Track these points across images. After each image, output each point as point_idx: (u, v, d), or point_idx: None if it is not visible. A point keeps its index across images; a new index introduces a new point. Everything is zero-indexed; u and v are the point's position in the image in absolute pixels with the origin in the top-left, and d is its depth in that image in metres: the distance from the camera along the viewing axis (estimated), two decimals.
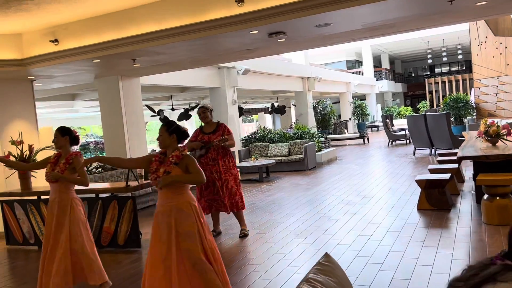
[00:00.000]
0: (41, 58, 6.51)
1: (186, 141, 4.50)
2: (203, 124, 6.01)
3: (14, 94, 7.50)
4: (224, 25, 5.37)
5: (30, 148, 6.45)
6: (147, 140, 10.93)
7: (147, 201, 8.68)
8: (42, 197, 6.34)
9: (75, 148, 4.46)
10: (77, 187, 4.56)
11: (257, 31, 5.58)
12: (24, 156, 6.42)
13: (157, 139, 3.58)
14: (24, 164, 5.71)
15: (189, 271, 3.29)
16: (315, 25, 5.63)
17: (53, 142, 4.40)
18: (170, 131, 3.52)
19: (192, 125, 25.48)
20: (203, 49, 6.79)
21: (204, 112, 5.91)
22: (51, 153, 7.14)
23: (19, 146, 6.37)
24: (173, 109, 15.52)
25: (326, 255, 2.14)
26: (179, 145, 3.58)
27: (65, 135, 4.32)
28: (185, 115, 14.23)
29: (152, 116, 14.23)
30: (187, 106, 15.34)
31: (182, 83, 11.63)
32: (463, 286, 1.57)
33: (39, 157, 6.62)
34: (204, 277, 3.29)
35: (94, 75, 8.35)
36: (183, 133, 3.58)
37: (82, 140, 23.20)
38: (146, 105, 13.21)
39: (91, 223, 5.93)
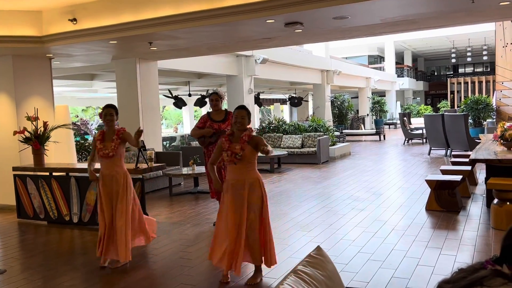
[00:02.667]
0: (59, 36, 6.58)
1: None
2: (210, 110, 5.92)
3: (32, 70, 7.61)
4: (241, 12, 5.35)
5: (45, 124, 6.56)
6: (163, 124, 10.97)
7: (156, 185, 8.77)
8: (54, 173, 6.46)
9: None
10: (87, 165, 4.70)
11: (273, 20, 5.54)
12: (39, 132, 6.53)
13: (239, 122, 3.94)
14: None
15: (246, 237, 3.88)
16: (333, 17, 5.56)
17: (108, 118, 4.54)
18: (249, 115, 4.03)
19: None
20: (220, 35, 6.78)
21: (217, 100, 5.80)
22: (65, 131, 7.27)
23: (34, 122, 6.48)
24: (189, 95, 15.58)
25: (318, 248, 2.14)
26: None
27: (117, 114, 4.61)
28: (201, 102, 14.28)
29: (174, 103, 14.31)
30: (203, 93, 15.38)
31: (199, 69, 11.65)
32: None
33: (53, 134, 6.75)
34: (253, 245, 3.90)
35: (112, 56, 8.42)
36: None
37: (99, 121, 23.48)
38: (168, 90, 13.32)
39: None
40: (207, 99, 14.33)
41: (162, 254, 4.88)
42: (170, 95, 13.20)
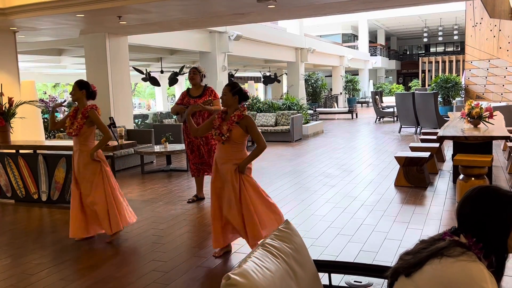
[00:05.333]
0: (23, 9, 6.31)
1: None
2: (190, 86, 5.87)
3: None
4: None
5: (10, 100, 6.33)
6: (134, 101, 10.73)
7: (128, 163, 8.66)
8: (21, 151, 6.29)
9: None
10: (55, 143, 4.57)
11: None
12: (4, 108, 6.31)
13: (221, 98, 3.84)
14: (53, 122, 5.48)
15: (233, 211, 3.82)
16: None
17: (70, 94, 4.50)
18: (234, 92, 3.80)
19: (182, 88, 25.25)
20: (193, 10, 6.64)
21: (194, 73, 5.70)
22: (32, 107, 7.06)
23: None
24: (162, 72, 15.33)
25: (286, 222, 2.15)
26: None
27: (82, 89, 4.43)
28: (174, 79, 14.07)
29: (143, 79, 14.03)
30: (176, 70, 15.14)
31: (172, 45, 11.43)
32: (411, 259, 1.61)
33: (19, 110, 6.54)
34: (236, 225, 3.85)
35: (80, 30, 8.15)
36: (244, 94, 3.86)
37: (68, 98, 22.84)
38: (133, 67, 13.02)
39: (68, 179, 5.91)
40: (179, 77, 14.17)
41: (134, 231, 4.85)
42: (143, 75, 12.94)
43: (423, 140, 8.32)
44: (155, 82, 14.32)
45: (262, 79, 20.53)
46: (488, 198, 1.53)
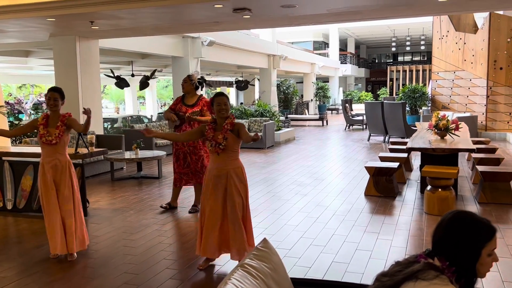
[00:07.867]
0: None
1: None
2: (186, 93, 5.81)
3: None
4: None
5: None
6: (102, 104, 10.51)
7: (97, 169, 8.49)
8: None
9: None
10: (22, 149, 4.45)
11: (221, 5, 5.46)
12: None
13: (219, 109, 3.84)
14: (6, 131, 5.20)
15: (238, 221, 3.84)
16: (281, 5, 5.57)
17: (51, 103, 4.29)
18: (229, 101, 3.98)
19: (152, 91, 24.96)
20: (166, 17, 6.60)
21: (184, 82, 5.63)
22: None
23: None
24: (133, 75, 15.09)
25: (264, 240, 2.18)
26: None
27: (63, 99, 4.38)
28: (145, 83, 13.87)
29: (116, 83, 13.75)
30: (147, 73, 14.94)
31: (143, 50, 11.31)
32: (388, 281, 1.66)
33: None
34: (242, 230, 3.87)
35: (49, 33, 7.96)
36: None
37: (34, 100, 22.25)
38: (110, 69, 12.78)
39: (37, 187, 5.74)
40: (150, 81, 13.97)
41: (104, 242, 4.76)
42: (112, 75, 12.71)
43: (391, 150, 8.52)
44: (124, 83, 14.02)
45: (234, 84, 20.55)
46: (461, 223, 1.60)
